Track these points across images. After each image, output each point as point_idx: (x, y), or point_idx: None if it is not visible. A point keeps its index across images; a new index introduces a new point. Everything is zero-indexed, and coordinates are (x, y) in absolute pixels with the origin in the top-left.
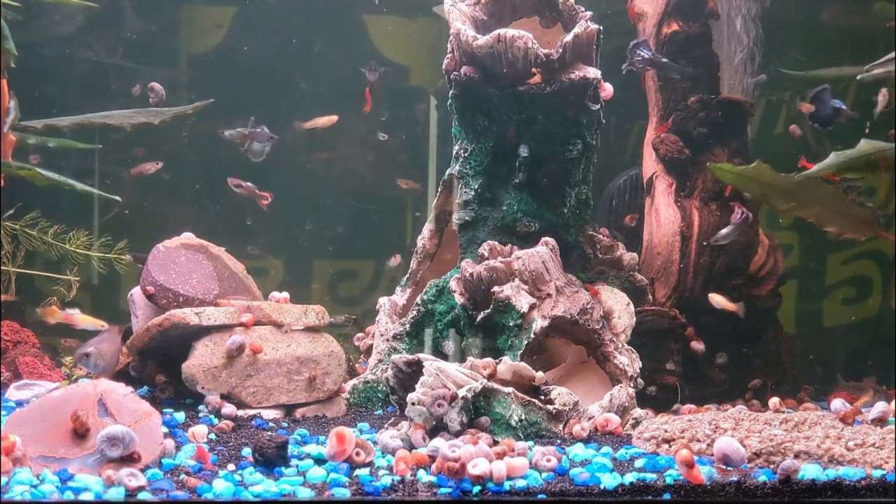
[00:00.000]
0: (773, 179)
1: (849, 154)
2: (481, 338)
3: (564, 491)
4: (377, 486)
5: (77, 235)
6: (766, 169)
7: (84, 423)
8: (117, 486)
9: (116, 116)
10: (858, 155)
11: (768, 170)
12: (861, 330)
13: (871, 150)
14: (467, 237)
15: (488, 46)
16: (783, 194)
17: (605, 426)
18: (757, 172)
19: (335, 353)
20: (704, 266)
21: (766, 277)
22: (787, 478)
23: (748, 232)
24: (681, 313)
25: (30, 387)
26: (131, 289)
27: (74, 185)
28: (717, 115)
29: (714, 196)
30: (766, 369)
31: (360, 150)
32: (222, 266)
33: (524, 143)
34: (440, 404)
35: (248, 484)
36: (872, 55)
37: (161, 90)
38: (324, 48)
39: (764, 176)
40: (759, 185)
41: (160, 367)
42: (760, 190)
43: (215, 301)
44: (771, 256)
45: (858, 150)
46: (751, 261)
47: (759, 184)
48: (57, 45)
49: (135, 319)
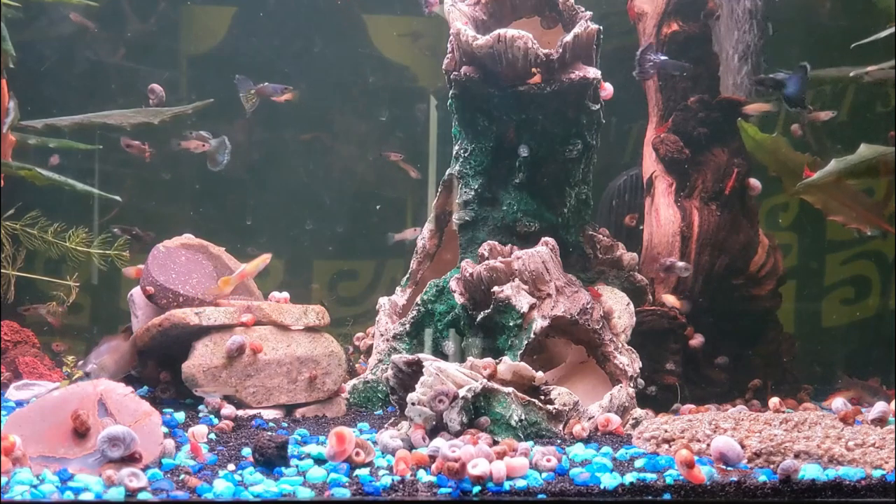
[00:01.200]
0: (787, 157)
1: (849, 160)
2: (481, 338)
3: (564, 491)
4: (377, 486)
5: (77, 233)
6: (784, 143)
7: (85, 423)
8: (118, 487)
9: (116, 116)
10: (859, 160)
11: (785, 144)
12: (860, 330)
13: (871, 154)
14: (467, 237)
15: (488, 46)
16: (794, 174)
17: (606, 426)
18: (775, 145)
19: (335, 353)
20: (704, 266)
21: (766, 277)
22: (788, 478)
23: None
24: (681, 313)
25: (30, 387)
26: (131, 289)
27: (75, 186)
28: (717, 115)
29: (714, 196)
30: (766, 369)
31: (360, 151)
32: (222, 266)
33: (524, 143)
34: (441, 400)
35: (248, 484)
36: (873, 55)
37: (161, 91)
38: (324, 48)
39: (780, 150)
40: (775, 159)
41: (160, 366)
42: (774, 165)
43: (215, 301)
44: (771, 256)
45: (859, 156)
46: (751, 261)
47: (774, 158)
48: (57, 45)
49: (135, 319)
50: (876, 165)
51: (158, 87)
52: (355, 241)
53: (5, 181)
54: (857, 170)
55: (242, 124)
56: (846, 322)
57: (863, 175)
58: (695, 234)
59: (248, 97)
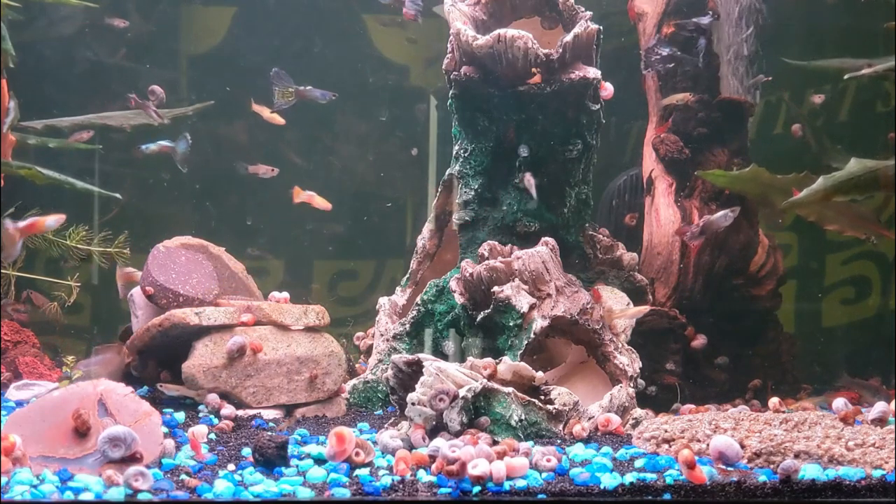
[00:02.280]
0: (770, 181)
1: (837, 177)
2: (481, 338)
3: (564, 491)
4: (377, 486)
5: (77, 231)
6: (763, 171)
7: (86, 422)
8: (121, 486)
9: (116, 117)
10: (847, 177)
11: (764, 172)
12: (860, 330)
13: (860, 170)
14: (467, 237)
15: (488, 46)
16: (782, 193)
17: (606, 426)
18: (753, 175)
19: (335, 353)
20: (704, 266)
21: (766, 277)
22: (788, 478)
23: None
24: (681, 313)
25: (30, 387)
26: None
27: (75, 184)
28: (717, 115)
29: (714, 196)
30: (766, 369)
31: (360, 151)
32: (222, 266)
33: (524, 143)
34: (442, 399)
35: (248, 484)
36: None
37: (161, 93)
38: (324, 48)
39: (760, 177)
40: (756, 185)
41: (160, 366)
42: (758, 191)
43: (215, 301)
44: (771, 256)
45: (847, 172)
46: (751, 261)
47: (756, 185)
48: (57, 45)
49: (135, 319)
50: (865, 182)
51: (159, 88)
52: (355, 241)
53: (5, 181)
54: (845, 187)
55: (242, 125)
56: (846, 322)
57: (851, 192)
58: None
59: (283, 93)
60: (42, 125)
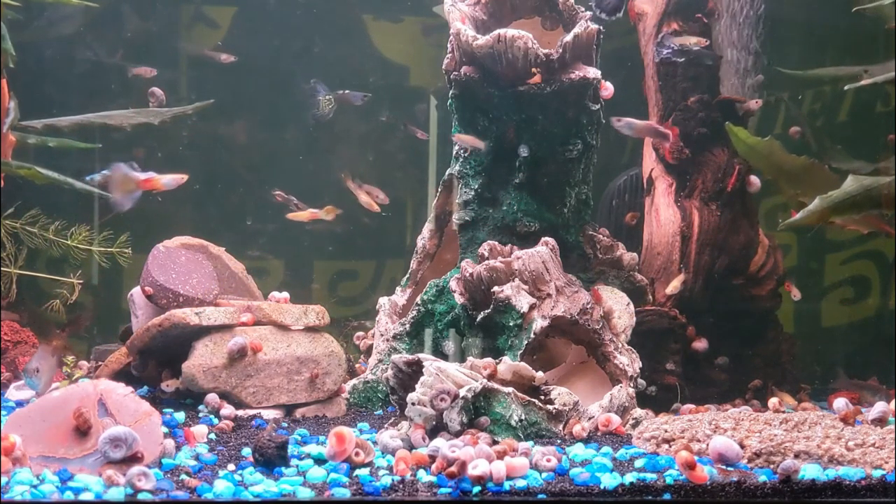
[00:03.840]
0: (782, 160)
1: (834, 197)
2: (481, 338)
3: (564, 491)
4: (377, 486)
5: (79, 231)
6: (778, 147)
7: (87, 421)
8: (122, 486)
9: (116, 116)
10: (844, 197)
11: (779, 148)
12: (860, 330)
13: (856, 189)
14: (467, 237)
15: (488, 46)
16: (790, 178)
17: (606, 426)
18: (769, 149)
19: (335, 353)
20: (704, 266)
21: (766, 277)
22: (788, 478)
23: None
24: (681, 313)
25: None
26: (132, 288)
27: (74, 184)
28: (717, 115)
29: (714, 196)
30: (766, 369)
31: (360, 151)
32: (222, 266)
33: (524, 143)
34: (443, 398)
35: (248, 484)
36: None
37: (161, 94)
38: (324, 48)
39: (774, 154)
40: (769, 163)
41: (160, 366)
42: (769, 169)
43: (215, 301)
44: (771, 256)
45: (843, 192)
46: (751, 261)
47: (768, 162)
48: (57, 45)
49: (135, 319)
50: (862, 201)
51: (159, 90)
52: (355, 241)
53: (5, 181)
54: (842, 206)
55: (242, 125)
56: (846, 322)
57: (848, 212)
58: (695, 234)
59: (325, 102)
60: (42, 125)
